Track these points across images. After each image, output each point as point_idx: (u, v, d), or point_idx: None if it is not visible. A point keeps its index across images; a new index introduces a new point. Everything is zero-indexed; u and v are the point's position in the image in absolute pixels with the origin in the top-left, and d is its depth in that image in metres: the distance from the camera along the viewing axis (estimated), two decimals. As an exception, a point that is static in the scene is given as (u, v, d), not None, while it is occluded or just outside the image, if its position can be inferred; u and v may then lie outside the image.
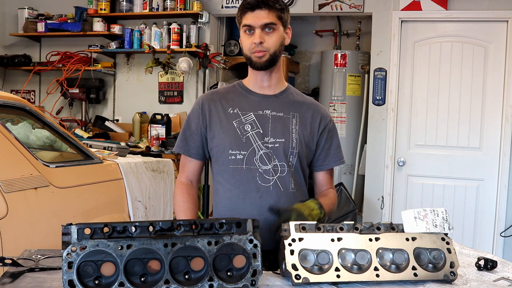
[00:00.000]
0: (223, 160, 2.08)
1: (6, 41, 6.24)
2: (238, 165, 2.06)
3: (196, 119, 2.13)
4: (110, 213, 3.36)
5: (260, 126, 2.07)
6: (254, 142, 2.05)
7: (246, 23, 2.00)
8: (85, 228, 1.46)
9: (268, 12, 1.98)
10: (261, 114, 2.09)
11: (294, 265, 1.62)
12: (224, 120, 2.09)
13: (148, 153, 5.08)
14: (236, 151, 2.06)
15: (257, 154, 2.05)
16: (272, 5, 1.99)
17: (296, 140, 2.09)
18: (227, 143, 2.06)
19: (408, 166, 5.10)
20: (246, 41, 2.03)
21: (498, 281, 1.72)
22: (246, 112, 2.09)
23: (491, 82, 4.87)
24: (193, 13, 5.45)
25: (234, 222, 1.56)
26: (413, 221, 1.72)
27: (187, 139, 2.16)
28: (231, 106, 2.10)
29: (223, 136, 2.08)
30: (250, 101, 2.11)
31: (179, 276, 1.50)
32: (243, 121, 2.07)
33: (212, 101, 2.13)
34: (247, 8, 1.99)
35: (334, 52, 5.59)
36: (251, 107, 2.10)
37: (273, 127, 2.08)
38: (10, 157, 2.65)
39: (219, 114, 2.10)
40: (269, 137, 2.06)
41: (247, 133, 2.06)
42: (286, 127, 2.09)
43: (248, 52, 2.04)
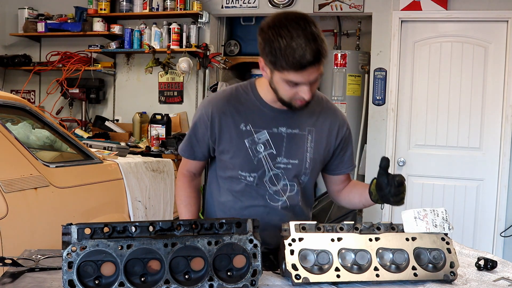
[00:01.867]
0: (232, 175, 2.00)
1: (6, 41, 6.24)
2: (248, 183, 1.98)
3: (203, 128, 1.98)
4: (110, 213, 3.36)
5: (274, 146, 1.93)
6: (266, 164, 1.94)
7: (293, 80, 1.73)
8: (85, 228, 1.46)
9: (319, 66, 1.72)
10: (275, 132, 1.93)
11: (294, 265, 1.62)
12: (235, 138, 1.94)
13: (148, 153, 5.09)
14: (246, 173, 1.96)
15: (267, 175, 1.96)
16: (324, 57, 1.72)
17: (310, 160, 1.98)
18: (238, 164, 1.96)
19: (408, 166, 5.10)
20: (287, 90, 1.78)
21: (498, 281, 1.72)
22: (259, 129, 1.93)
23: (491, 82, 4.87)
24: (193, 13, 5.45)
25: (234, 222, 1.56)
26: (413, 221, 1.72)
27: (193, 145, 2.05)
28: (244, 121, 1.93)
29: (234, 155, 1.95)
30: (265, 116, 1.94)
31: (179, 276, 1.50)
32: (255, 140, 1.93)
33: (223, 114, 1.94)
34: (298, 68, 1.69)
35: (334, 52, 5.58)
36: (265, 123, 1.93)
37: (287, 147, 1.95)
38: (10, 157, 2.65)
39: (230, 130, 1.94)
40: (282, 158, 1.95)
41: (259, 154, 1.94)
42: (301, 146, 1.97)
43: (288, 99, 1.82)
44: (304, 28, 1.68)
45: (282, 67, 1.70)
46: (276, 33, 1.69)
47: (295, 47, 1.66)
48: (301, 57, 1.66)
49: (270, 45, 1.71)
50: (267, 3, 5.37)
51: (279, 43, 1.68)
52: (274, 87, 1.83)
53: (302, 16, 1.74)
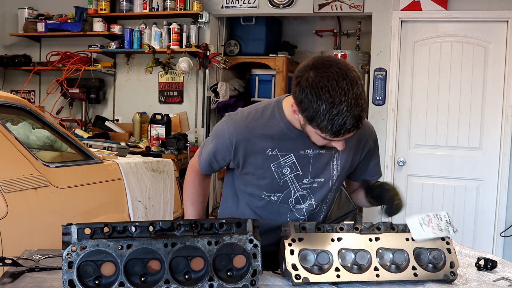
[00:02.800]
0: (254, 192, 1.95)
1: (6, 41, 6.24)
2: (271, 201, 1.94)
3: (225, 152, 1.90)
4: (110, 213, 3.36)
5: (300, 167, 1.88)
6: (291, 184, 1.90)
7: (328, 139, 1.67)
8: (85, 228, 1.46)
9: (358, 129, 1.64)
10: (302, 154, 1.86)
11: (294, 265, 1.62)
12: (260, 162, 1.87)
13: (148, 153, 5.08)
14: (271, 193, 1.92)
15: (293, 196, 1.92)
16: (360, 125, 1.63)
17: (336, 178, 1.93)
18: (263, 186, 1.91)
19: (408, 166, 5.10)
20: (320, 141, 1.71)
21: (498, 281, 1.72)
22: (286, 154, 1.86)
23: (491, 82, 4.87)
24: (193, 13, 5.45)
25: (234, 222, 1.56)
26: (419, 227, 1.71)
27: (211, 163, 1.99)
28: (270, 147, 1.85)
29: (259, 177, 1.90)
30: (292, 140, 1.84)
31: (179, 276, 1.51)
32: (282, 164, 1.86)
33: (248, 141, 1.85)
34: (336, 135, 1.62)
35: (334, 52, 5.58)
36: (292, 147, 1.85)
37: (313, 168, 1.89)
38: (10, 157, 2.65)
39: (255, 155, 1.87)
40: (308, 178, 1.90)
41: (285, 176, 1.88)
42: (327, 165, 1.91)
43: (320, 145, 1.77)
44: (346, 92, 1.55)
45: (319, 128, 1.62)
46: (316, 94, 1.56)
47: (335, 114, 1.55)
48: (340, 126, 1.57)
49: (308, 104, 1.59)
50: (267, 3, 5.37)
51: (318, 107, 1.56)
52: (305, 132, 1.74)
53: (345, 74, 1.58)
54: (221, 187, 2.16)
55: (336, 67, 1.58)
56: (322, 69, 1.58)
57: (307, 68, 1.62)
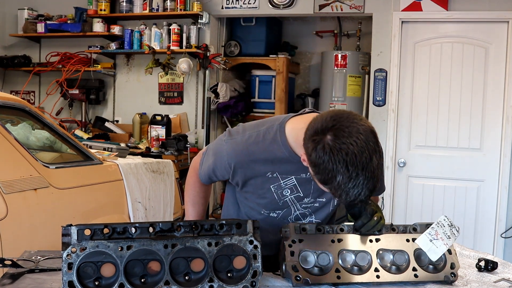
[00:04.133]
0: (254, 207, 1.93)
1: (6, 42, 6.24)
2: (270, 217, 1.91)
3: (224, 172, 1.88)
4: (110, 214, 3.35)
5: (301, 189, 1.83)
6: (292, 204, 1.87)
7: None
8: (85, 229, 1.46)
9: None
10: (303, 177, 1.81)
11: (295, 266, 1.62)
12: (260, 184, 1.84)
13: (148, 154, 5.08)
14: (270, 210, 1.90)
15: (293, 214, 1.90)
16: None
17: None
18: (262, 204, 1.89)
19: (409, 167, 5.10)
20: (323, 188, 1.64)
21: (498, 282, 1.71)
22: (287, 176, 1.81)
23: (491, 83, 4.87)
24: (193, 14, 5.45)
25: (234, 223, 1.56)
26: (431, 245, 1.69)
27: (211, 178, 1.97)
28: (270, 170, 1.80)
29: (258, 197, 1.88)
30: (294, 164, 1.78)
31: (179, 277, 1.50)
32: (282, 186, 1.83)
33: (248, 166, 1.81)
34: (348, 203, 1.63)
35: (335, 52, 5.58)
36: (293, 170, 1.80)
37: (315, 189, 1.83)
38: (10, 158, 2.64)
39: (255, 178, 1.83)
40: (310, 198, 1.86)
41: (285, 197, 1.85)
42: None
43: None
44: (365, 166, 1.49)
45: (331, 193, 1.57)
46: (333, 164, 1.48)
47: (351, 187, 1.49)
48: (355, 197, 1.52)
49: (323, 171, 1.51)
50: (267, 4, 5.37)
51: (334, 177, 1.50)
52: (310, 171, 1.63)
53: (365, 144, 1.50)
54: (222, 188, 2.16)
55: (356, 136, 1.50)
56: (341, 138, 1.49)
57: (325, 130, 1.51)
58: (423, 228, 1.74)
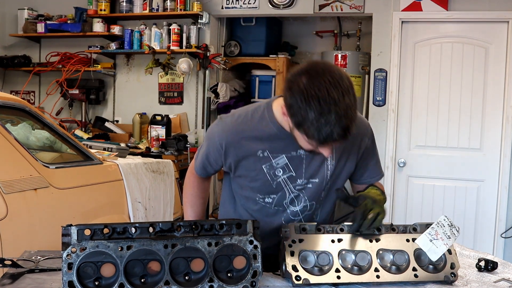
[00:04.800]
0: (249, 195, 1.95)
1: (6, 42, 6.23)
2: (266, 205, 1.93)
3: (217, 155, 1.92)
4: (110, 214, 3.36)
5: (293, 168, 1.86)
6: (285, 186, 1.88)
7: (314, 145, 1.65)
8: (85, 229, 1.46)
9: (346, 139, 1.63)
10: (294, 155, 1.84)
11: (295, 266, 1.62)
12: (252, 164, 1.87)
13: (148, 154, 5.08)
14: (265, 195, 1.91)
15: (288, 197, 1.91)
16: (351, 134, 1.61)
17: (330, 177, 1.90)
18: (256, 188, 1.91)
19: (409, 167, 5.09)
20: (307, 146, 1.69)
21: (498, 282, 1.71)
22: (278, 155, 1.84)
23: (491, 83, 4.87)
24: (193, 14, 5.45)
25: (234, 223, 1.56)
26: (431, 245, 1.69)
27: (205, 167, 2.01)
28: (261, 148, 1.84)
29: (252, 179, 1.90)
30: (283, 141, 1.83)
31: (179, 277, 1.50)
32: (274, 166, 1.85)
33: (238, 144, 1.85)
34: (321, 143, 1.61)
35: (335, 52, 5.58)
36: (283, 148, 1.84)
37: (307, 169, 1.87)
38: (10, 158, 2.64)
39: (246, 158, 1.87)
40: (302, 179, 1.88)
41: (278, 178, 1.87)
42: (321, 165, 1.89)
43: (307, 150, 1.75)
44: (337, 102, 1.53)
45: (306, 135, 1.61)
46: (305, 101, 1.55)
47: (324, 123, 1.54)
48: (328, 135, 1.56)
49: (297, 110, 1.57)
50: (267, 4, 5.37)
51: (307, 114, 1.55)
52: (293, 135, 1.71)
53: (337, 83, 1.56)
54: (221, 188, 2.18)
55: (329, 75, 1.56)
56: (315, 76, 1.56)
57: (300, 73, 1.59)
58: (423, 228, 1.74)
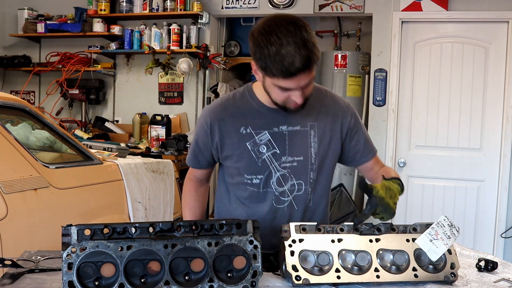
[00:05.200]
0: (238, 181, 1.99)
1: (6, 42, 6.24)
2: (254, 188, 1.96)
3: (204, 137, 1.99)
4: (110, 214, 3.36)
5: (276, 145, 1.92)
6: (271, 164, 1.92)
7: (284, 86, 1.73)
8: (85, 229, 1.46)
9: (309, 72, 1.71)
10: (276, 131, 1.92)
11: (295, 266, 1.61)
12: (236, 142, 1.93)
13: (148, 154, 5.08)
14: (252, 175, 1.95)
15: (274, 176, 1.94)
16: (315, 63, 1.70)
17: (315, 155, 1.95)
18: (242, 168, 1.95)
19: (409, 167, 5.09)
20: (279, 94, 1.78)
21: (498, 282, 1.71)
22: (260, 131, 1.92)
23: (491, 83, 4.87)
24: (193, 14, 5.45)
25: (234, 223, 1.56)
26: (431, 245, 1.69)
27: (197, 155, 2.07)
28: (243, 124, 1.92)
29: (237, 159, 1.95)
30: (264, 117, 1.92)
31: (179, 277, 1.50)
32: (257, 142, 1.91)
33: (222, 120, 1.94)
34: (287, 76, 1.68)
35: (335, 52, 5.58)
36: (265, 124, 1.92)
37: (290, 145, 1.92)
38: (9, 158, 2.64)
39: (230, 135, 1.94)
40: (287, 156, 1.93)
41: (262, 155, 1.92)
42: (304, 143, 1.94)
43: (281, 103, 1.82)
44: (294, 34, 1.65)
45: (272, 74, 1.70)
46: (266, 39, 1.67)
47: (284, 54, 1.64)
48: (290, 65, 1.64)
49: (260, 52, 1.69)
50: (267, 4, 5.37)
51: (268, 50, 1.66)
52: (267, 91, 1.83)
53: (292, 21, 1.69)
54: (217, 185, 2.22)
55: (285, 16, 1.71)
56: (271, 19, 1.71)
57: (258, 24, 1.74)
58: (423, 228, 1.74)
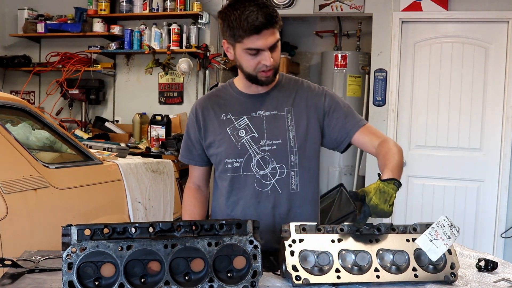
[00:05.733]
0: (221, 168, 2.06)
1: (6, 42, 6.24)
2: (236, 172, 2.02)
3: (193, 128, 2.11)
4: (110, 214, 3.35)
5: (255, 129, 2.02)
6: (250, 147, 2.01)
7: (253, 47, 1.87)
8: (85, 229, 1.46)
9: (273, 30, 1.89)
10: (254, 116, 2.03)
11: (295, 266, 1.61)
12: (217, 128, 2.04)
13: (148, 154, 5.08)
14: (232, 159, 2.02)
15: (254, 159, 2.01)
16: (277, 22, 1.89)
17: (294, 138, 2.02)
18: (223, 152, 2.03)
19: (409, 167, 5.09)
20: (250, 61, 1.91)
21: (498, 282, 1.71)
22: (239, 116, 2.03)
23: (491, 83, 4.87)
24: (193, 14, 5.45)
25: (234, 223, 1.56)
26: (431, 245, 1.69)
27: (189, 149, 2.15)
28: (224, 111, 2.05)
29: (219, 144, 2.04)
30: (242, 103, 2.05)
31: (179, 277, 1.50)
32: (236, 127, 2.02)
33: (205, 108, 2.08)
34: (253, 31, 1.83)
35: (335, 53, 5.58)
36: (244, 110, 2.04)
37: (268, 129, 2.02)
38: (10, 158, 2.64)
39: (212, 122, 2.06)
40: (265, 140, 2.01)
41: (242, 139, 2.01)
42: (282, 126, 2.02)
43: (253, 72, 1.94)
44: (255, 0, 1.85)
45: (240, 36, 1.85)
46: (231, 8, 1.86)
47: (248, 13, 1.82)
48: (254, 21, 1.81)
49: (228, 21, 1.87)
50: (267, 4, 5.37)
51: (234, 15, 1.84)
52: (239, 64, 1.96)
53: None
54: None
55: None
56: None
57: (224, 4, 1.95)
58: (423, 228, 1.74)
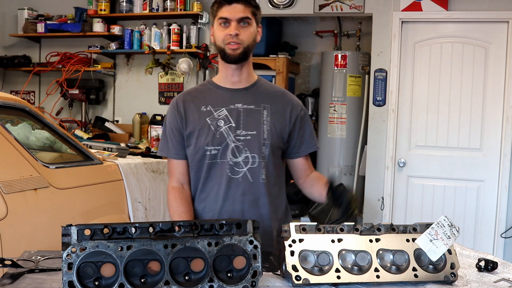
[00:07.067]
0: (200, 157, 2.15)
1: (6, 42, 6.24)
2: (213, 159, 2.14)
3: (173, 120, 2.20)
4: (110, 214, 3.36)
5: (233, 120, 2.14)
6: (227, 136, 2.13)
7: (222, 16, 2.07)
8: (85, 229, 1.46)
9: (244, 7, 2.07)
10: (232, 108, 2.16)
11: (295, 266, 1.61)
12: (197, 118, 2.16)
13: (148, 154, 5.08)
14: (211, 146, 2.13)
15: (230, 147, 2.13)
16: (248, 1, 2.09)
17: (267, 132, 2.15)
18: (203, 140, 2.14)
19: (409, 167, 5.09)
20: (220, 33, 2.09)
21: (498, 282, 1.71)
22: (219, 108, 2.16)
23: (491, 83, 4.87)
24: (193, 14, 5.45)
25: (234, 223, 1.56)
26: (431, 245, 1.69)
27: (167, 141, 2.23)
28: (204, 104, 2.17)
29: (199, 133, 2.15)
30: (221, 96, 2.18)
31: (179, 277, 1.50)
32: (216, 117, 2.14)
33: (186, 101, 2.20)
34: (224, 1, 2.07)
35: (335, 53, 5.58)
36: (223, 102, 2.17)
37: (245, 120, 2.14)
38: (9, 158, 2.65)
39: (193, 113, 2.17)
40: (241, 130, 2.13)
41: (220, 128, 2.13)
42: (258, 120, 2.16)
43: (222, 44, 2.10)
44: None
45: (216, 10, 2.09)
46: None
47: None
48: None
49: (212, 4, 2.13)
50: (267, 4, 5.37)
51: None
52: (215, 40, 2.13)
53: None
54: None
55: None
56: None
57: None
58: (423, 228, 1.74)
